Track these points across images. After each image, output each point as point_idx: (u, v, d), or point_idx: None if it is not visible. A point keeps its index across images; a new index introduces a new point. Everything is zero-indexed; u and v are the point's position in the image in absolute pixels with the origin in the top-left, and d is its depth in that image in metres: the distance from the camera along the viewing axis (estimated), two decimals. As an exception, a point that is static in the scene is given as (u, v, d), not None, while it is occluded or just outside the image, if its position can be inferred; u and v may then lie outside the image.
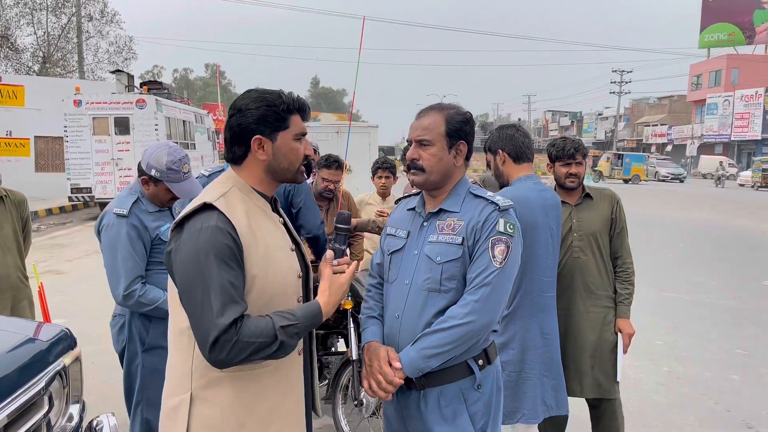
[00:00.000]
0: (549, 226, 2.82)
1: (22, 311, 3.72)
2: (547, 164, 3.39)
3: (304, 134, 1.84)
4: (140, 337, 2.95)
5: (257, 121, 1.74)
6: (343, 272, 1.91)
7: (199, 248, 1.61)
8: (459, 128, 2.11)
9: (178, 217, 1.71)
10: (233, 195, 1.74)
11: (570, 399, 3.08)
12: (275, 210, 1.89)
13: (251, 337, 1.58)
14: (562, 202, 3.32)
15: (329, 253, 1.91)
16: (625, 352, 3.28)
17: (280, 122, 1.76)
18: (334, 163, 4.40)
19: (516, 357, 2.81)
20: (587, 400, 3.42)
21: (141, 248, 2.91)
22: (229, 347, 1.56)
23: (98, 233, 3.01)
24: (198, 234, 1.62)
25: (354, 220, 4.29)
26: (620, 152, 45.60)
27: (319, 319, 1.77)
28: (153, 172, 2.91)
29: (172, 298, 1.74)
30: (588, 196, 3.33)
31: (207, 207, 1.66)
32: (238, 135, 1.76)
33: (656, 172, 44.06)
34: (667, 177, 43.41)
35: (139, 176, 3.00)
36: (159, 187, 2.96)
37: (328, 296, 1.82)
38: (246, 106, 1.75)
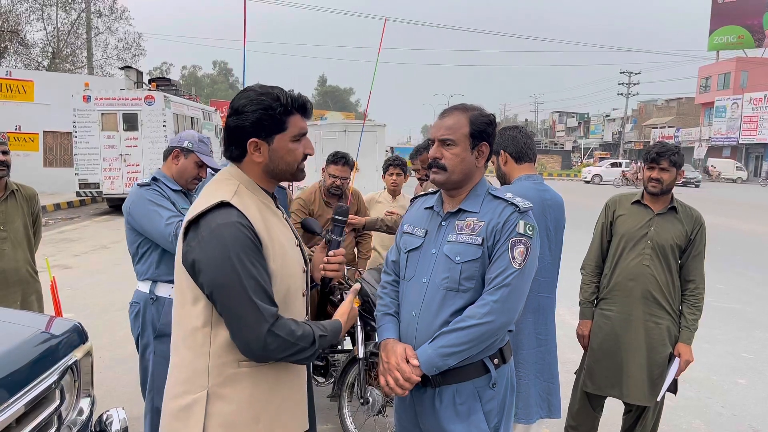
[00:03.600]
0: (546, 226, 2.81)
1: (30, 305, 3.76)
2: (645, 166, 3.40)
3: (304, 134, 1.82)
4: (153, 325, 3.01)
5: (253, 125, 1.71)
6: (340, 263, 2.06)
7: (227, 245, 1.59)
8: (483, 130, 2.12)
9: (191, 214, 1.67)
10: (243, 192, 1.73)
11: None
12: (276, 206, 1.88)
13: (297, 339, 1.65)
14: (645, 205, 3.34)
15: (357, 285, 2.03)
16: (677, 375, 3.28)
17: (276, 125, 1.74)
18: (341, 159, 4.37)
19: None
20: (624, 403, 3.44)
21: (170, 204, 3.00)
22: (279, 341, 1.62)
23: (127, 213, 3.08)
24: (221, 231, 1.60)
25: (362, 219, 4.28)
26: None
27: (338, 336, 1.86)
28: (186, 144, 3.10)
29: (182, 294, 1.71)
30: (674, 208, 3.31)
31: (224, 204, 1.65)
32: (234, 136, 1.75)
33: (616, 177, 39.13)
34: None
35: (168, 154, 3.15)
36: (189, 160, 3.11)
37: (345, 321, 1.94)
38: (243, 107, 1.72)
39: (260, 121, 1.71)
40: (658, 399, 3.31)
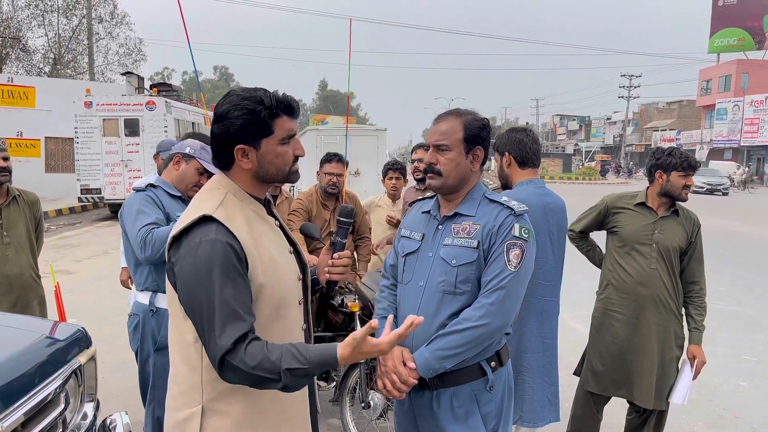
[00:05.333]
0: (549, 230, 2.81)
1: (33, 310, 3.77)
2: (658, 172, 3.31)
3: (291, 136, 1.74)
4: (153, 337, 2.99)
5: (238, 131, 1.65)
6: (345, 265, 1.99)
7: (200, 264, 1.55)
8: (476, 134, 2.14)
9: (175, 230, 1.64)
10: (230, 202, 1.68)
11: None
12: (269, 212, 1.84)
13: (255, 369, 1.52)
14: (649, 208, 3.35)
15: (374, 321, 1.67)
16: (694, 378, 3.30)
17: (262, 129, 1.67)
18: (334, 157, 4.46)
19: (513, 360, 2.74)
20: (633, 405, 3.45)
21: (156, 211, 2.98)
22: (234, 368, 1.52)
23: (120, 218, 3.07)
24: (197, 249, 1.56)
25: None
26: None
27: (332, 366, 1.61)
28: (188, 150, 3.10)
29: (174, 310, 1.69)
30: (676, 212, 3.33)
31: (206, 219, 1.60)
32: (220, 144, 1.69)
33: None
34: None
35: (169, 160, 3.17)
36: (190, 166, 3.09)
37: (350, 352, 1.58)
38: (227, 113, 1.66)
39: (245, 126, 1.65)
40: (684, 403, 3.31)
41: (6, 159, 3.62)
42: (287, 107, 1.72)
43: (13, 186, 3.81)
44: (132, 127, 15.65)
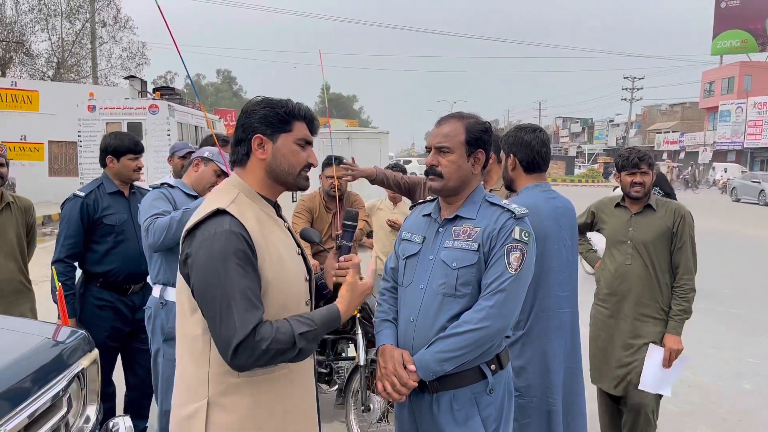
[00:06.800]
0: (561, 237, 2.65)
1: (23, 316, 3.77)
2: (615, 174, 3.52)
3: (309, 142, 1.85)
4: (162, 329, 3.06)
5: (259, 121, 1.78)
6: (348, 273, 1.98)
7: (215, 253, 1.61)
8: (478, 137, 2.15)
9: (189, 223, 1.71)
10: (242, 201, 1.75)
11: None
12: (279, 214, 1.89)
13: (272, 344, 1.60)
14: (624, 207, 3.44)
15: (356, 259, 1.92)
16: (665, 365, 3.26)
17: (282, 124, 1.79)
18: (334, 160, 4.51)
19: (537, 381, 2.58)
20: (620, 399, 3.47)
21: (166, 205, 3.14)
22: (250, 352, 1.58)
23: (139, 214, 3.23)
24: (213, 239, 1.62)
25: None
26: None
27: (336, 324, 1.79)
28: (207, 154, 3.33)
29: (181, 304, 1.73)
30: (650, 206, 3.37)
31: (219, 212, 1.67)
32: (241, 134, 1.81)
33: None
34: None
35: (189, 163, 3.40)
36: (208, 168, 3.29)
37: (348, 302, 1.84)
38: (251, 108, 1.80)
39: (266, 117, 1.77)
40: (642, 388, 3.26)
41: (1, 165, 3.61)
42: (308, 117, 1.84)
43: (8, 192, 3.81)
44: (135, 131, 15.65)
